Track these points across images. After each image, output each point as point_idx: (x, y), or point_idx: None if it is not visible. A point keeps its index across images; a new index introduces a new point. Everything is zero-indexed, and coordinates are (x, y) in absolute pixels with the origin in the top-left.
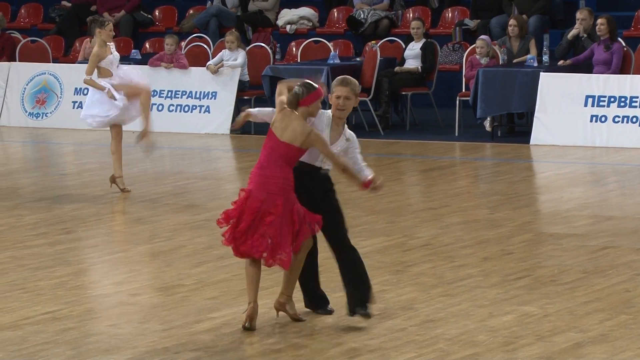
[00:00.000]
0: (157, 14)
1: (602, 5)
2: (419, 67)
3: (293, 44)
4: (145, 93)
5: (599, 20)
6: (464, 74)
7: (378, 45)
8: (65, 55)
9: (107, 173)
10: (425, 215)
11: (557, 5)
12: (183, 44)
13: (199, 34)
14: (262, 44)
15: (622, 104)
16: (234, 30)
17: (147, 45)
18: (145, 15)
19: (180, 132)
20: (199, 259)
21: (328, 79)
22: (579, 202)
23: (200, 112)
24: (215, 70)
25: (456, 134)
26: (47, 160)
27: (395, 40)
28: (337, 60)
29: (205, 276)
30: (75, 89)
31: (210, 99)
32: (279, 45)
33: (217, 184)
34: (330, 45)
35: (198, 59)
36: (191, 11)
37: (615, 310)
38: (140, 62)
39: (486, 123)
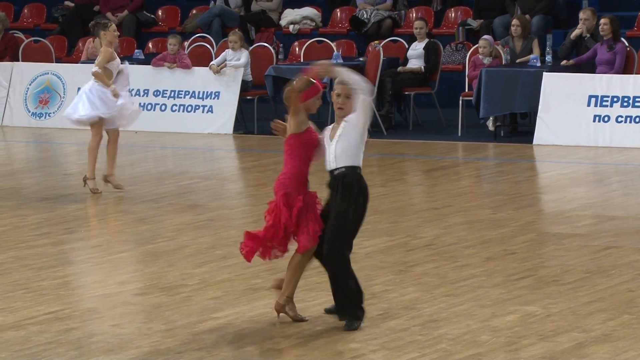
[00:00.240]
0: (160, 13)
1: (605, 5)
2: (422, 67)
3: (296, 44)
4: (114, 138)
5: (602, 20)
6: (467, 74)
7: (381, 45)
8: (68, 55)
9: None
10: (428, 215)
11: (560, 5)
12: (186, 44)
13: (202, 34)
14: (265, 44)
15: (625, 104)
16: (237, 30)
17: (150, 45)
18: (148, 15)
19: (183, 132)
20: (202, 259)
21: (331, 79)
22: (582, 202)
23: (203, 112)
24: (218, 70)
25: (459, 134)
26: (50, 160)
27: (398, 40)
28: (340, 60)
29: (208, 276)
30: (78, 89)
31: (213, 99)
32: (282, 45)
33: (220, 184)
34: (333, 45)
35: (201, 59)
36: (194, 11)
37: (618, 310)
38: (143, 62)
39: (489, 122)
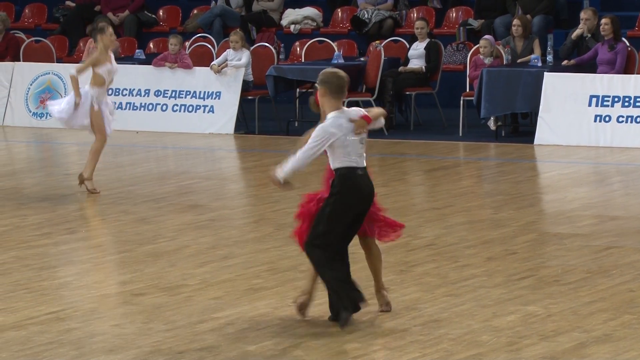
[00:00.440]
0: (161, 14)
1: (606, 5)
2: (423, 67)
3: (297, 43)
4: (100, 140)
5: (603, 20)
6: (468, 74)
7: (382, 45)
8: (70, 55)
9: (111, 173)
10: (429, 215)
11: (561, 5)
12: (187, 44)
13: (203, 34)
14: (266, 44)
15: (627, 104)
16: (238, 30)
17: (151, 45)
18: (150, 15)
19: (184, 132)
20: (202, 259)
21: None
22: (583, 202)
23: (204, 112)
24: (219, 70)
25: (460, 134)
26: (51, 160)
27: (399, 40)
28: (341, 60)
29: (209, 276)
30: None
31: (215, 99)
32: (283, 45)
33: (221, 184)
34: (334, 45)
35: (202, 59)
36: (195, 11)
37: (619, 310)
38: (144, 62)
39: (490, 122)
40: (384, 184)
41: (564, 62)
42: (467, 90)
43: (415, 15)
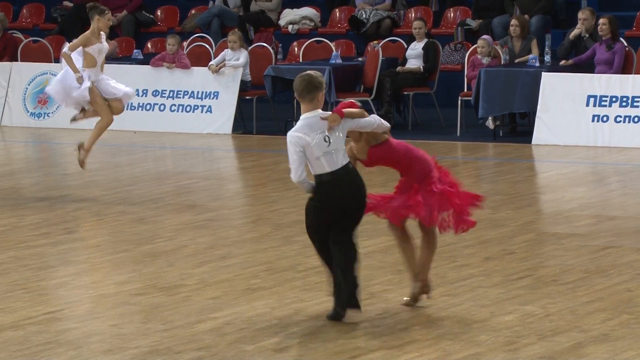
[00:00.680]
0: (159, 13)
1: (604, 5)
2: (421, 67)
3: (295, 44)
4: (105, 119)
5: (601, 20)
6: (466, 74)
7: (380, 45)
8: None
9: (109, 173)
10: None
11: (559, 5)
12: (185, 44)
13: (201, 34)
14: (264, 44)
15: (624, 104)
16: (236, 30)
17: (149, 45)
18: (148, 15)
19: (182, 132)
20: (201, 259)
21: (330, 79)
22: (581, 202)
23: (202, 112)
24: (217, 70)
25: (458, 134)
26: (49, 160)
27: (397, 40)
28: (339, 60)
29: (207, 276)
30: None
31: (212, 99)
32: (281, 45)
33: (219, 184)
34: (332, 45)
35: (200, 59)
36: (193, 11)
37: (617, 310)
38: (142, 62)
39: (489, 121)
40: (382, 184)
41: (562, 62)
42: (465, 90)
43: (413, 15)
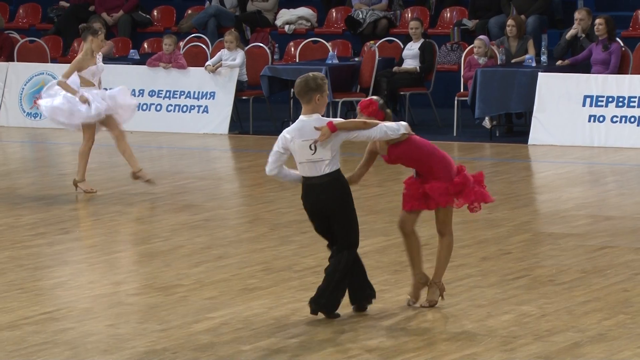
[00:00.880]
0: (156, 14)
1: (601, 5)
2: (418, 67)
3: (291, 44)
4: (120, 138)
5: (597, 20)
6: (462, 74)
7: (376, 45)
8: (64, 55)
9: (106, 173)
10: (423, 215)
11: (556, 5)
12: (181, 44)
13: (197, 34)
14: (261, 44)
15: (620, 104)
16: (232, 30)
17: (146, 45)
18: (144, 15)
19: (178, 132)
20: (197, 259)
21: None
22: (578, 202)
23: (198, 112)
24: (214, 70)
25: (455, 134)
26: (46, 160)
27: (393, 40)
28: (336, 61)
29: (204, 276)
30: None
31: (209, 99)
32: (277, 45)
33: (216, 184)
34: (328, 45)
35: (197, 59)
36: (190, 11)
37: (613, 309)
38: (138, 62)
39: (485, 120)
40: (379, 184)
41: (558, 62)
42: (462, 90)
43: (409, 15)
